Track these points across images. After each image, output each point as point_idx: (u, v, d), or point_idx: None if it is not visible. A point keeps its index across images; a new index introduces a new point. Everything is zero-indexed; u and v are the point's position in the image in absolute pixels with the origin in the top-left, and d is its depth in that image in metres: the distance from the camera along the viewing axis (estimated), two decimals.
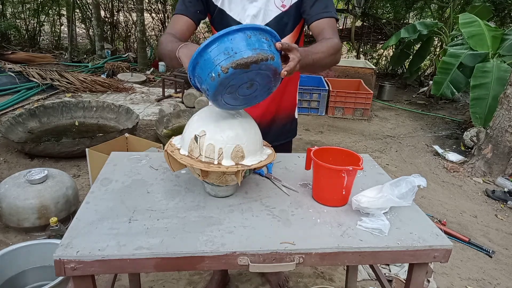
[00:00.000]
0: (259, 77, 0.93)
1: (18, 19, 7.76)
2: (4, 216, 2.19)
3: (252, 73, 0.90)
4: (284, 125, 1.58)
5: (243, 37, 0.89)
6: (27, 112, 3.75)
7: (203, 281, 1.96)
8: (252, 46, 0.88)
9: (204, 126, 1.05)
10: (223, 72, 0.87)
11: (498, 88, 3.79)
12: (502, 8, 6.55)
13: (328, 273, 2.11)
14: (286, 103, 1.54)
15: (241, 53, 0.87)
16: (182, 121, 4.11)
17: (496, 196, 3.16)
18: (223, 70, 0.87)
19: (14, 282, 1.68)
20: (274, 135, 1.55)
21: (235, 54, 0.87)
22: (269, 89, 1.00)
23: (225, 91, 0.93)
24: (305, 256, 0.93)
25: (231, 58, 0.86)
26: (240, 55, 0.87)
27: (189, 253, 0.89)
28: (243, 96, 0.99)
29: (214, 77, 0.89)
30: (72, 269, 0.85)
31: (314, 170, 1.14)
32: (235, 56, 0.87)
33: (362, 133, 4.60)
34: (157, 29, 8.19)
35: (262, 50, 0.89)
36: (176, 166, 1.10)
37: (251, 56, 0.87)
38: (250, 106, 1.05)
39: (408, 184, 1.05)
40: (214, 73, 0.88)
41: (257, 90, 0.98)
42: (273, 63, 0.90)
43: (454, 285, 2.13)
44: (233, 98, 0.98)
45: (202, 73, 0.91)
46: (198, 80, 0.95)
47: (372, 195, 1.08)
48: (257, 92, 0.99)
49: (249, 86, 0.96)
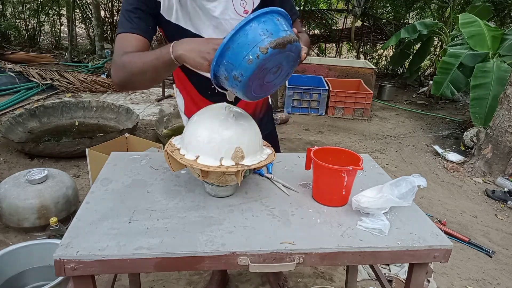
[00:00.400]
0: (286, 61, 0.93)
1: (18, 19, 7.76)
2: (4, 216, 2.19)
3: (284, 55, 0.90)
4: (265, 115, 1.55)
5: (273, 19, 0.89)
6: (27, 112, 3.75)
7: (203, 281, 1.96)
8: (283, 28, 0.89)
9: (204, 126, 1.05)
10: (262, 53, 0.85)
11: (498, 88, 3.79)
12: (502, 8, 6.55)
13: (328, 273, 2.11)
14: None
15: (278, 33, 0.86)
16: (182, 121, 4.10)
17: (496, 196, 3.16)
18: (262, 51, 0.84)
19: (14, 282, 1.68)
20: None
21: (271, 34, 0.86)
22: (288, 74, 0.99)
23: (259, 75, 0.90)
24: (305, 256, 0.93)
25: (269, 39, 0.85)
26: (277, 35, 0.86)
27: (189, 253, 0.89)
28: (267, 83, 0.97)
29: (252, 60, 0.85)
30: (72, 269, 0.85)
31: (314, 170, 1.14)
32: (271, 36, 0.85)
33: (362, 133, 4.60)
34: None
35: (291, 31, 0.90)
36: (176, 166, 1.10)
37: (286, 37, 0.87)
38: (267, 95, 1.03)
39: (408, 184, 1.05)
40: (252, 55, 0.85)
41: (280, 75, 0.97)
42: (299, 45, 0.91)
43: (454, 285, 2.13)
44: (260, 86, 0.95)
45: (236, 58, 0.87)
46: (228, 68, 0.89)
47: (372, 195, 1.08)
48: (278, 78, 0.98)
49: (276, 71, 0.94)
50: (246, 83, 0.90)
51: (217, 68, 0.91)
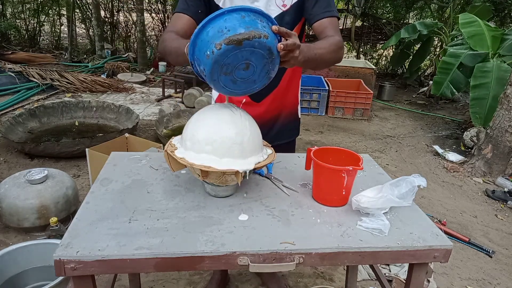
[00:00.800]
0: (254, 57, 0.94)
1: (18, 19, 7.76)
2: (4, 216, 2.19)
3: (246, 52, 0.91)
4: (287, 124, 1.57)
5: (237, 17, 0.92)
6: (27, 112, 3.75)
7: (203, 281, 1.96)
8: (245, 24, 0.91)
9: (204, 126, 1.05)
10: (216, 49, 0.89)
11: (498, 88, 3.79)
12: (502, 8, 6.55)
13: (328, 273, 2.11)
14: (289, 101, 1.54)
15: (234, 30, 0.89)
16: (182, 121, 4.11)
17: (496, 196, 3.16)
18: (216, 47, 0.89)
19: (14, 282, 1.68)
20: (277, 134, 1.55)
21: (228, 31, 0.89)
22: (268, 72, 1.00)
23: (221, 70, 0.94)
24: (305, 256, 0.93)
25: (224, 35, 0.89)
26: (233, 32, 0.89)
27: (189, 253, 0.89)
28: (241, 79, 0.99)
29: (208, 55, 0.90)
30: (72, 269, 0.86)
31: (314, 170, 1.14)
32: (228, 33, 0.89)
33: (362, 133, 4.60)
34: (157, 29, 8.19)
35: (256, 28, 0.91)
36: (176, 166, 1.10)
37: (243, 33, 0.89)
38: (251, 91, 1.04)
39: (408, 184, 1.05)
40: (209, 51, 0.90)
41: (255, 73, 0.99)
42: (267, 41, 0.91)
43: (454, 285, 2.13)
44: (232, 81, 0.98)
45: (200, 54, 0.94)
46: (197, 62, 0.97)
47: (372, 195, 1.08)
48: (255, 75, 0.99)
49: (246, 67, 0.96)
50: (210, 78, 0.95)
51: (193, 62, 0.99)
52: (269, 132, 1.53)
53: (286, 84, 1.48)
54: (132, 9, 7.84)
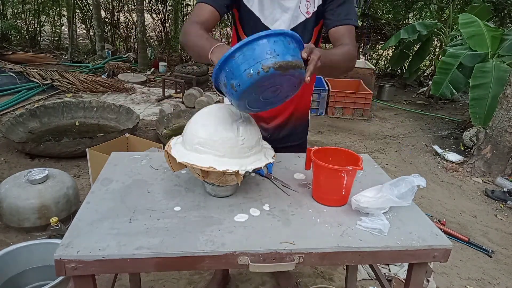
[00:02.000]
0: (287, 83, 0.95)
1: (18, 19, 7.76)
2: (5, 216, 2.19)
3: (285, 78, 0.92)
4: (298, 126, 1.59)
5: (285, 42, 0.91)
6: (27, 112, 3.75)
7: (203, 281, 1.96)
8: (292, 52, 0.91)
9: (204, 126, 1.05)
10: (263, 71, 0.87)
11: (498, 88, 3.79)
12: (502, 8, 6.55)
13: (328, 273, 2.12)
14: (302, 104, 1.56)
15: (284, 56, 0.88)
16: (182, 121, 4.11)
17: (496, 196, 3.16)
18: (264, 69, 0.86)
19: (15, 282, 1.68)
20: (288, 135, 1.57)
21: (277, 55, 0.88)
22: (287, 96, 1.02)
23: (255, 90, 0.92)
24: (305, 256, 0.94)
25: (274, 59, 0.87)
26: (282, 58, 0.88)
27: (189, 253, 0.89)
28: (264, 100, 0.99)
29: (251, 74, 0.87)
30: (73, 269, 0.86)
31: (314, 170, 1.14)
32: (277, 57, 0.87)
33: (361, 133, 4.61)
34: (157, 29, 8.19)
35: (298, 58, 0.92)
36: (176, 166, 1.11)
37: (291, 62, 0.88)
38: (263, 111, 1.06)
39: (407, 184, 1.05)
40: (253, 70, 0.87)
41: (279, 95, 1.00)
42: (303, 72, 0.93)
43: (453, 284, 2.13)
44: (255, 100, 0.98)
45: (237, 68, 0.89)
46: (228, 75, 0.92)
47: (372, 195, 1.08)
48: (277, 98, 1.00)
49: (274, 91, 0.96)
50: (240, 95, 0.92)
51: (218, 72, 0.94)
52: (280, 134, 1.56)
53: (301, 89, 1.49)
54: (133, 10, 7.83)
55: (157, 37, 8.29)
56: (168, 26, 8.15)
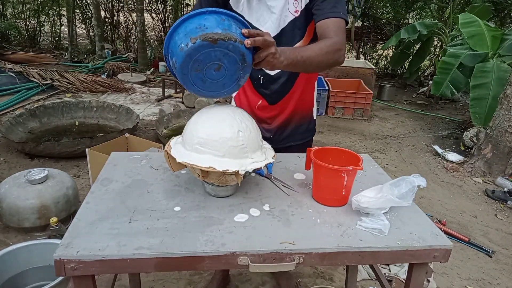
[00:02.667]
0: (227, 60, 0.96)
1: (18, 19, 7.76)
2: (5, 216, 2.19)
3: (219, 52, 0.94)
4: (301, 125, 1.58)
5: (217, 18, 0.96)
6: (27, 112, 3.75)
7: (203, 281, 1.96)
8: (223, 26, 0.95)
9: (204, 126, 1.05)
10: (191, 43, 0.91)
11: (498, 88, 3.79)
12: (502, 8, 6.55)
13: (328, 273, 2.11)
14: (304, 104, 1.55)
15: (212, 28, 0.93)
16: (182, 121, 4.11)
17: (496, 196, 3.16)
18: (192, 41, 0.91)
19: (15, 282, 1.68)
20: (290, 135, 1.57)
21: (206, 29, 0.93)
22: (238, 79, 1.03)
23: (192, 66, 0.95)
24: (305, 256, 0.93)
25: (201, 31, 0.92)
26: (210, 30, 0.92)
27: (189, 253, 0.89)
28: (211, 80, 1.01)
29: (182, 47, 0.93)
30: (72, 269, 0.86)
31: (314, 170, 1.14)
32: (205, 30, 0.92)
33: (362, 133, 4.60)
34: (157, 29, 8.19)
35: (232, 32, 0.94)
36: (176, 166, 1.11)
37: (220, 33, 0.92)
38: (219, 95, 1.06)
39: (408, 184, 1.05)
40: (184, 44, 0.93)
41: (226, 76, 1.01)
42: (241, 47, 0.94)
43: (454, 285, 2.13)
44: (201, 80, 1.00)
45: (174, 46, 0.97)
46: (171, 55, 1.00)
47: (372, 195, 1.08)
48: (225, 79, 1.01)
49: (217, 68, 0.98)
50: (180, 71, 0.97)
51: (166, 55, 1.04)
52: (283, 133, 1.56)
53: (301, 87, 1.50)
54: (132, 9, 7.84)
55: (157, 37, 8.29)
56: (168, 26, 8.15)
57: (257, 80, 1.48)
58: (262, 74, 1.46)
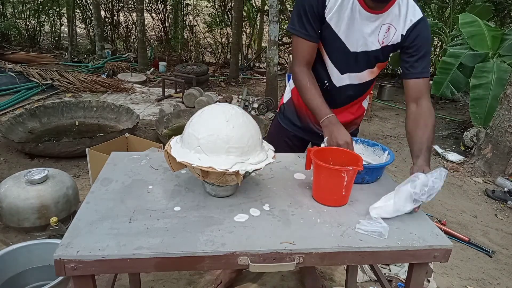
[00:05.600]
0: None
1: (18, 19, 7.76)
2: (5, 216, 2.19)
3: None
4: (351, 129, 1.68)
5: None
6: (27, 112, 3.75)
7: (203, 281, 1.96)
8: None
9: (204, 126, 1.05)
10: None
11: (498, 88, 3.79)
12: (502, 8, 6.55)
13: (328, 273, 2.11)
14: (359, 110, 1.67)
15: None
16: (182, 121, 4.11)
17: (496, 196, 3.16)
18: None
19: (15, 282, 1.68)
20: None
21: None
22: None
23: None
24: (305, 256, 0.93)
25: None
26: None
27: (189, 253, 0.89)
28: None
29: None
30: (73, 269, 0.86)
31: (314, 170, 1.14)
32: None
33: (362, 133, 4.60)
34: (157, 29, 8.19)
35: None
36: (176, 166, 1.11)
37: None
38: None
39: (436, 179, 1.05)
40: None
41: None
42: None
43: (454, 285, 2.13)
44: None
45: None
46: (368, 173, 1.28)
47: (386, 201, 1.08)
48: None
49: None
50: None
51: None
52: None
53: (362, 98, 1.63)
54: (132, 9, 7.83)
55: (157, 36, 8.28)
56: (168, 26, 8.15)
57: (321, 84, 1.48)
58: (328, 80, 1.47)
